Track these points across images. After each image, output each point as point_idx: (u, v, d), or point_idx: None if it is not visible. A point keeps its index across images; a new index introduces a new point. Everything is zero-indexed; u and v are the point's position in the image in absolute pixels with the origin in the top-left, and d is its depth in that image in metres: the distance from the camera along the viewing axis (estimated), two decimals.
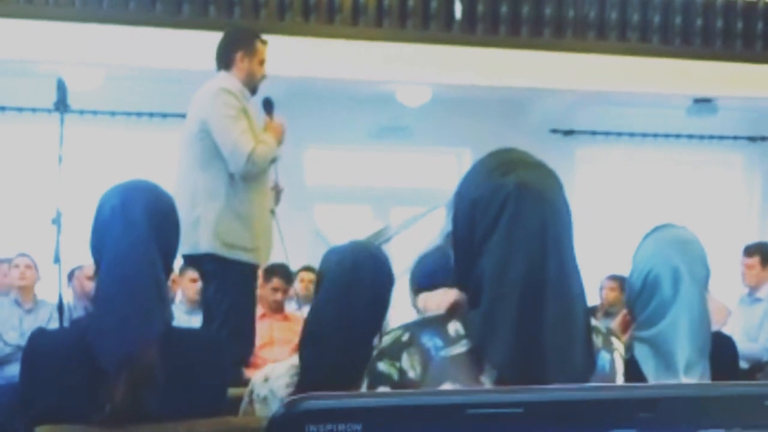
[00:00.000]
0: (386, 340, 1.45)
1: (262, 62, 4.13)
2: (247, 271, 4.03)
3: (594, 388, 0.60)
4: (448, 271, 1.55)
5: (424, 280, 2.32)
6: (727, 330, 5.35)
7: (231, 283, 3.93)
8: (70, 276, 5.76)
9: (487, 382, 1.38)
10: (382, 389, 1.41)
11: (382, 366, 1.42)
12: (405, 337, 1.42)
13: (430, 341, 1.41)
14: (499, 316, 1.39)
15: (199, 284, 5.54)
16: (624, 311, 2.27)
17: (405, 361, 1.40)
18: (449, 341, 1.41)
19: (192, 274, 5.55)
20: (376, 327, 2.11)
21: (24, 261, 5.76)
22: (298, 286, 5.78)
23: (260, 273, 4.55)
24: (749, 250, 5.65)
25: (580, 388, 0.55)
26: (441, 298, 1.61)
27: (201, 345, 2.03)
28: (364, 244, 2.35)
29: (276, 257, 4.50)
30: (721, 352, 2.32)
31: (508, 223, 1.42)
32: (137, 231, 1.90)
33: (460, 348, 1.41)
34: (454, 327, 1.42)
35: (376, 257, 2.18)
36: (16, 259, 5.81)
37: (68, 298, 5.34)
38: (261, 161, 3.93)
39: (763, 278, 5.65)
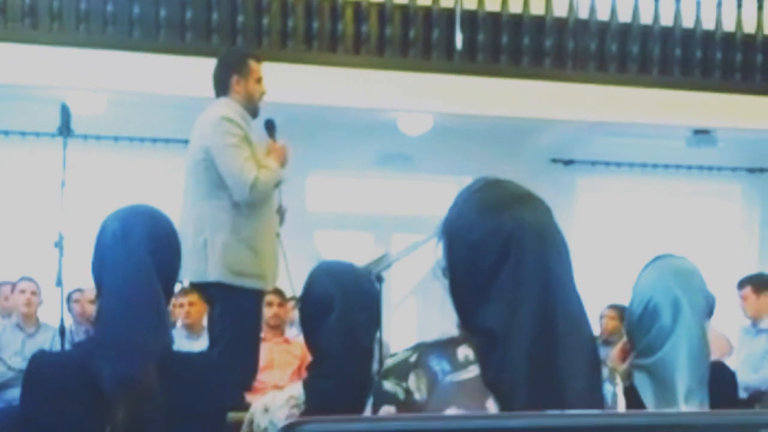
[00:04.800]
0: (393, 360, 1.44)
1: (259, 80, 4.08)
2: (254, 297, 4.02)
3: (594, 414, 0.61)
4: None
5: None
6: (730, 360, 5.39)
7: (237, 310, 3.91)
8: (69, 299, 5.74)
9: (492, 408, 1.38)
10: (386, 408, 1.40)
11: (388, 385, 1.41)
12: (413, 358, 1.41)
13: (437, 365, 1.40)
14: (514, 360, 1.38)
15: (194, 309, 5.54)
16: (623, 339, 2.28)
17: (412, 381, 1.40)
18: (457, 366, 1.40)
19: (187, 299, 5.54)
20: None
21: (30, 287, 5.71)
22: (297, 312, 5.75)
23: None
24: (741, 283, 5.93)
25: (580, 415, 0.56)
26: None
27: (200, 369, 2.03)
28: (353, 266, 2.33)
29: (280, 281, 4.48)
30: (720, 381, 2.32)
31: (512, 266, 1.42)
32: (137, 256, 1.91)
33: (468, 374, 1.40)
34: (464, 352, 1.41)
35: (368, 277, 2.21)
36: (21, 284, 5.75)
37: (69, 322, 5.32)
38: (264, 188, 3.93)
39: (762, 306, 5.73)
